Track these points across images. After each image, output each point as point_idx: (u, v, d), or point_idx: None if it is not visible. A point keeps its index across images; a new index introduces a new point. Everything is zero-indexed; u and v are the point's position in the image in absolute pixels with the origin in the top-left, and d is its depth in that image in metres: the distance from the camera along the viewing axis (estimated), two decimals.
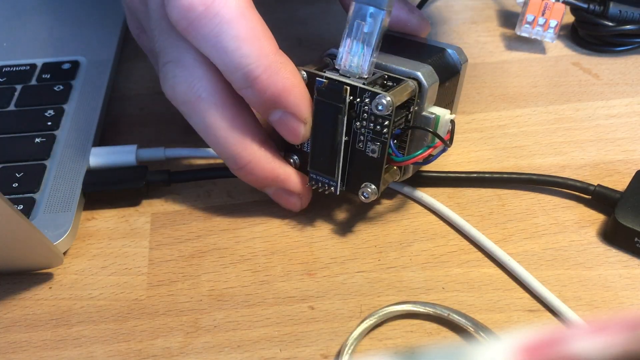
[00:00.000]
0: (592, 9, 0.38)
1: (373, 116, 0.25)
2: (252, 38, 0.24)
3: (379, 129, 0.25)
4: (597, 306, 0.26)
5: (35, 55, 0.38)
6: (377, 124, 0.25)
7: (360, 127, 0.26)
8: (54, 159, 0.31)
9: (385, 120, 0.25)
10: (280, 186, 0.28)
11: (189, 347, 0.25)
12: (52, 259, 0.27)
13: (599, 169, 0.32)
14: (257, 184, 0.28)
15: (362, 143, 0.26)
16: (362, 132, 0.26)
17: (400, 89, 0.25)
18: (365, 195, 0.27)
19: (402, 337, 0.25)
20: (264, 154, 0.27)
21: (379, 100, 0.24)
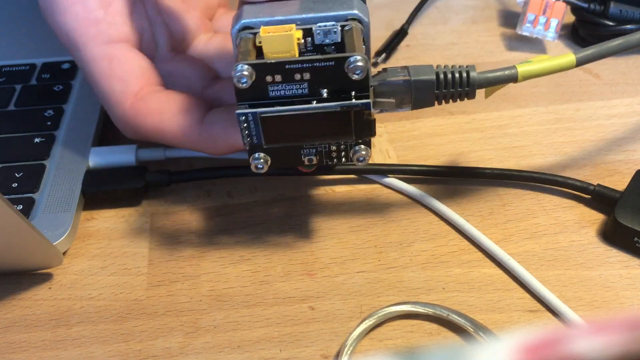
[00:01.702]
0: (593, 8, 0.38)
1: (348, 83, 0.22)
2: (179, 135, 0.27)
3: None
4: (597, 306, 0.26)
5: (35, 55, 0.38)
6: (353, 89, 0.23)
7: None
8: (53, 159, 0.31)
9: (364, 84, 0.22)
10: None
11: (188, 347, 0.25)
12: (52, 259, 0.27)
13: (599, 169, 0.32)
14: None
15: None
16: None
17: (356, 39, 0.22)
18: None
19: (402, 337, 0.25)
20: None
21: (352, 68, 0.22)
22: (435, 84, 0.24)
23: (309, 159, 0.25)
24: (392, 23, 0.42)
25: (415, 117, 0.35)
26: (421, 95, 0.24)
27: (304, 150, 0.24)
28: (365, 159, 0.24)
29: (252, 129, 0.23)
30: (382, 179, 0.31)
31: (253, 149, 0.24)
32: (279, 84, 0.22)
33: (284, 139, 0.24)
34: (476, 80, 0.24)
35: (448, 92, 0.24)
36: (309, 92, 0.23)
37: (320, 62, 0.22)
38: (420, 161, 0.32)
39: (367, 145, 0.24)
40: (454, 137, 0.34)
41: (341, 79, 0.22)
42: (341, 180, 0.31)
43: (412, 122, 0.35)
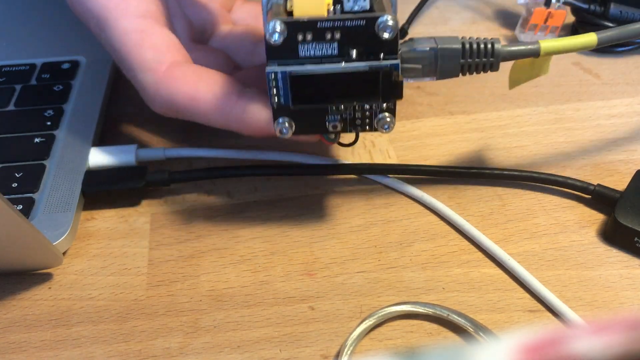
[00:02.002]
0: (593, 9, 0.38)
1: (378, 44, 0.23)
2: (212, 103, 0.26)
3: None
4: (597, 306, 0.26)
5: (34, 55, 0.38)
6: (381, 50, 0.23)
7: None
8: (53, 159, 0.31)
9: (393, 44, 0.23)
10: None
11: (188, 347, 0.25)
12: (52, 259, 0.26)
13: (599, 169, 0.32)
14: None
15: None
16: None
17: (386, 4, 0.23)
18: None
19: (402, 337, 0.25)
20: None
21: (382, 26, 0.22)
22: (461, 53, 0.25)
23: (333, 125, 0.25)
24: None
25: (415, 117, 0.35)
26: (447, 64, 0.25)
27: (328, 115, 0.25)
28: (390, 127, 0.25)
29: (280, 88, 0.24)
30: (382, 179, 0.31)
31: (279, 111, 0.24)
32: (310, 42, 0.23)
33: (311, 100, 0.24)
34: (500, 52, 0.25)
35: (473, 62, 0.25)
36: (338, 52, 0.23)
37: (351, 20, 0.22)
38: (420, 161, 0.32)
39: (392, 113, 0.25)
40: (454, 137, 0.34)
41: (371, 39, 0.23)
42: (341, 180, 0.31)
43: (412, 122, 0.35)
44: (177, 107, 0.27)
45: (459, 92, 0.37)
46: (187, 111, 0.27)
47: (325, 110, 0.25)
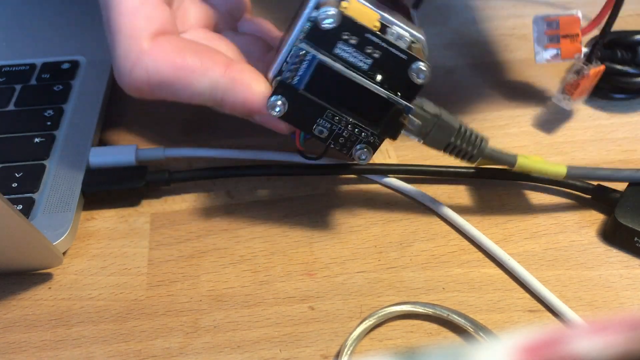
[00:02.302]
0: (621, 56, 0.34)
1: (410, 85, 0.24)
2: (197, 78, 0.26)
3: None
4: (597, 306, 0.26)
5: (34, 55, 0.38)
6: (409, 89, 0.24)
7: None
8: (53, 159, 0.31)
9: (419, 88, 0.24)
10: None
11: (188, 347, 0.25)
12: (52, 259, 0.27)
13: None
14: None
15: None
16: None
17: (422, 56, 0.24)
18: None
19: (402, 337, 0.25)
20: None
21: (418, 70, 0.24)
22: (455, 133, 0.26)
23: (319, 130, 0.25)
24: None
25: None
26: (438, 135, 0.26)
27: (322, 119, 0.25)
28: (365, 160, 0.26)
29: (301, 69, 0.24)
30: (382, 179, 0.31)
31: (281, 89, 0.24)
32: (350, 46, 0.24)
33: (321, 94, 0.24)
34: (484, 150, 0.26)
35: (459, 146, 0.26)
36: (368, 69, 0.24)
37: (395, 49, 0.24)
38: (420, 161, 0.32)
39: (374, 149, 0.26)
40: None
41: (401, 75, 0.24)
42: (341, 180, 0.31)
43: None
44: (158, 78, 0.26)
45: (459, 92, 0.37)
46: (169, 82, 0.26)
47: (323, 113, 0.25)
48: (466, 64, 0.39)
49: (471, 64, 0.39)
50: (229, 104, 0.26)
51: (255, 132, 0.34)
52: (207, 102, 0.26)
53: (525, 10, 0.43)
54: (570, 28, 0.32)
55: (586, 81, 0.32)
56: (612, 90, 0.35)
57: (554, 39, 0.32)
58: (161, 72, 0.25)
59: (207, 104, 0.27)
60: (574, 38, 0.32)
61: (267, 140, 0.33)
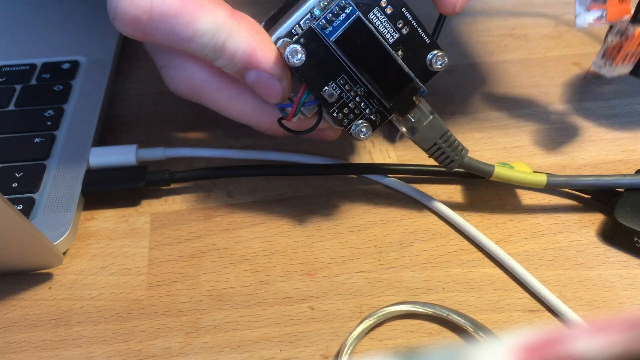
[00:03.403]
0: None
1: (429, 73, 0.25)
2: (202, 16, 0.24)
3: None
4: (597, 306, 0.26)
5: (35, 55, 0.38)
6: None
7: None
8: (53, 159, 0.31)
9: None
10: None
11: (188, 347, 0.25)
12: (52, 259, 0.27)
13: (599, 169, 0.32)
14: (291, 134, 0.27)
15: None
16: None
17: None
18: None
19: (402, 337, 0.25)
20: (277, 113, 0.27)
21: (437, 56, 0.25)
22: (442, 134, 0.26)
23: (329, 92, 0.25)
24: None
25: None
26: (428, 133, 0.26)
27: (333, 83, 0.25)
28: (365, 136, 0.26)
29: (337, 20, 0.24)
30: (382, 179, 0.31)
31: (308, 37, 0.24)
32: (384, 15, 0.24)
33: (348, 50, 0.24)
34: (463, 157, 0.27)
35: (442, 148, 0.27)
36: (393, 42, 0.25)
37: (423, 31, 0.25)
38: (420, 161, 0.32)
39: (374, 126, 0.26)
40: None
41: (421, 57, 0.25)
42: (341, 180, 0.31)
43: None
44: (162, 8, 0.24)
45: (459, 92, 0.37)
46: (172, 14, 0.24)
47: (338, 76, 0.25)
48: (466, 64, 0.39)
49: (471, 64, 0.39)
50: (230, 50, 0.24)
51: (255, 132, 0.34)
52: (206, 47, 0.25)
53: (525, 10, 0.43)
54: None
55: (630, 43, 0.29)
56: None
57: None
58: (167, 2, 0.24)
59: (204, 50, 0.25)
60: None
61: (267, 140, 0.33)
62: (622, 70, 0.31)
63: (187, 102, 0.36)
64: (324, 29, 0.24)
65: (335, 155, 0.33)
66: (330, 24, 0.24)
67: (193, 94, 0.28)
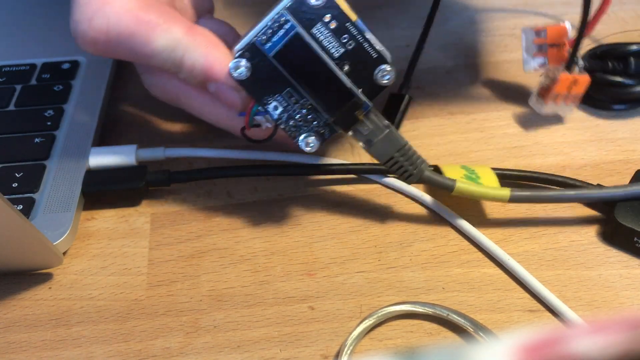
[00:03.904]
0: (613, 67, 0.34)
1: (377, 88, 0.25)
2: (158, 35, 0.25)
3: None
4: (597, 306, 0.26)
5: (35, 55, 0.38)
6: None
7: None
8: (53, 159, 0.31)
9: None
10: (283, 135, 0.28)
11: (188, 347, 0.25)
12: (52, 259, 0.27)
13: (599, 169, 0.32)
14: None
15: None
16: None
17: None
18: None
19: (402, 337, 0.25)
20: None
21: (384, 70, 0.25)
22: (400, 148, 0.26)
23: (274, 105, 0.25)
24: (392, 23, 0.42)
25: (415, 117, 0.35)
26: (384, 146, 0.26)
27: (279, 96, 0.25)
28: (312, 149, 0.26)
29: (276, 35, 0.24)
30: (382, 179, 0.31)
31: (251, 51, 0.24)
32: (328, 30, 0.24)
33: (288, 65, 0.25)
34: (423, 172, 0.27)
35: (400, 162, 0.26)
36: (338, 57, 0.25)
37: (369, 46, 0.25)
38: None
39: (322, 140, 0.26)
40: (454, 137, 0.34)
41: (367, 71, 0.25)
42: (341, 180, 0.31)
43: (412, 122, 0.35)
44: (118, 30, 0.25)
45: (459, 92, 0.37)
46: (129, 35, 0.25)
47: (283, 89, 0.25)
48: (466, 64, 0.39)
49: (471, 64, 0.39)
50: (188, 65, 0.26)
51: None
52: (166, 62, 0.26)
53: (526, 10, 0.43)
54: (558, 37, 0.33)
55: (558, 86, 0.32)
56: (611, 101, 0.35)
57: (542, 47, 0.33)
58: (122, 23, 0.25)
59: (165, 65, 0.26)
60: (560, 47, 0.33)
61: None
62: (556, 110, 0.34)
63: None
64: (264, 44, 0.24)
65: (335, 156, 0.33)
66: (270, 39, 0.24)
67: (171, 99, 0.29)
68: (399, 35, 0.41)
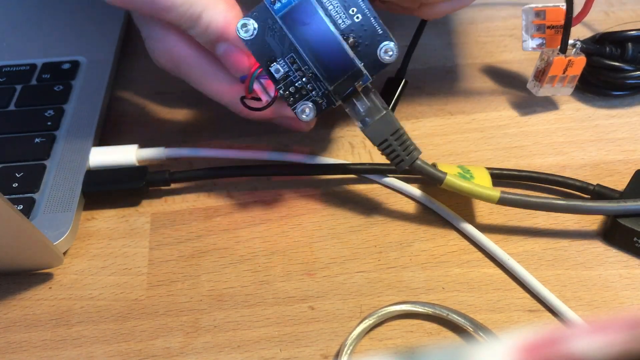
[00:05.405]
0: (610, 52, 0.34)
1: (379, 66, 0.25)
2: None
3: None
4: (597, 306, 0.26)
5: (35, 55, 0.38)
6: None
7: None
8: (53, 159, 0.31)
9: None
10: (281, 113, 0.28)
11: (189, 347, 0.25)
12: (52, 259, 0.27)
13: (598, 169, 0.32)
14: (263, 118, 0.29)
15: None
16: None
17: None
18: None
19: (402, 337, 0.25)
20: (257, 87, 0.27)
21: (388, 47, 0.25)
22: (394, 132, 0.26)
23: (276, 68, 0.25)
24: (392, 23, 0.42)
25: (415, 117, 0.35)
26: (379, 127, 0.26)
27: (282, 60, 0.25)
28: (307, 117, 0.26)
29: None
30: (382, 179, 0.31)
31: (259, 11, 0.25)
32: (337, 1, 0.24)
33: (294, 28, 0.25)
34: (414, 159, 0.27)
35: (393, 146, 0.26)
36: (344, 28, 0.25)
37: (376, 21, 0.25)
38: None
39: (318, 109, 0.26)
40: (454, 137, 0.34)
41: (371, 47, 0.25)
42: (341, 180, 0.31)
43: (412, 122, 0.35)
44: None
45: (459, 92, 0.37)
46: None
47: (287, 54, 0.25)
48: (466, 64, 0.39)
49: (471, 64, 0.39)
50: (205, 21, 0.26)
51: (255, 132, 0.34)
52: (182, 16, 0.26)
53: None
54: (556, 19, 0.33)
55: (552, 68, 0.33)
56: (609, 87, 0.35)
57: (540, 28, 0.33)
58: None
59: (181, 19, 0.26)
60: (558, 29, 0.33)
61: (267, 140, 0.33)
62: (553, 92, 0.34)
63: (187, 102, 0.36)
64: (273, 4, 0.24)
65: (336, 156, 0.33)
66: (279, 0, 0.24)
67: (172, 66, 0.29)
68: (399, 35, 0.41)
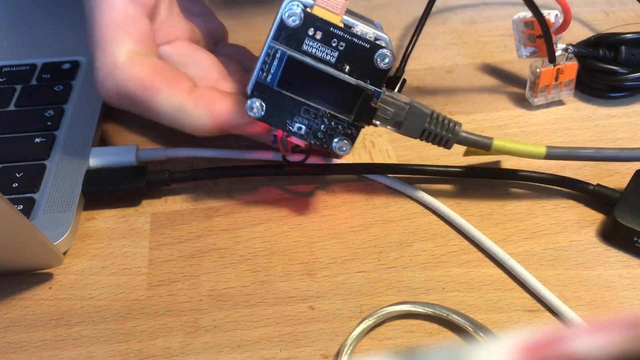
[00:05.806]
0: (603, 55, 0.35)
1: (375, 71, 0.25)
2: (161, 100, 0.27)
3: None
4: (597, 306, 0.26)
5: (35, 55, 0.38)
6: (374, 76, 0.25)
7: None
8: (53, 159, 0.31)
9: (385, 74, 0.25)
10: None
11: (189, 347, 0.25)
12: (52, 259, 0.27)
13: (598, 169, 0.32)
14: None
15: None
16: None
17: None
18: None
19: (402, 337, 0.25)
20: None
21: (382, 55, 0.25)
22: (428, 119, 0.27)
23: (297, 126, 0.26)
24: (392, 24, 0.42)
25: None
26: (412, 122, 0.27)
27: (298, 116, 0.26)
28: (345, 152, 0.27)
29: (273, 66, 0.25)
30: (382, 179, 0.31)
31: (257, 90, 0.25)
32: (316, 41, 0.25)
33: (294, 88, 0.25)
34: (459, 133, 0.27)
35: (434, 131, 0.27)
36: (335, 61, 0.25)
37: (358, 39, 0.25)
38: (420, 161, 0.32)
39: (351, 140, 0.26)
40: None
41: (366, 63, 0.25)
42: (341, 180, 0.32)
43: None
44: (125, 93, 0.27)
45: (459, 92, 0.37)
46: (135, 98, 0.27)
47: (299, 108, 0.26)
48: (466, 64, 0.39)
49: (471, 64, 0.39)
50: (191, 126, 0.27)
51: None
52: (172, 122, 0.28)
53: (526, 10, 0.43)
54: None
55: (542, 80, 0.34)
56: (606, 89, 0.35)
57: (531, 38, 0.34)
58: (129, 88, 0.27)
59: (173, 124, 0.28)
60: None
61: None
62: (549, 99, 0.35)
63: None
64: (265, 78, 0.25)
65: (335, 155, 0.33)
66: (269, 72, 0.25)
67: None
68: (400, 35, 0.41)
